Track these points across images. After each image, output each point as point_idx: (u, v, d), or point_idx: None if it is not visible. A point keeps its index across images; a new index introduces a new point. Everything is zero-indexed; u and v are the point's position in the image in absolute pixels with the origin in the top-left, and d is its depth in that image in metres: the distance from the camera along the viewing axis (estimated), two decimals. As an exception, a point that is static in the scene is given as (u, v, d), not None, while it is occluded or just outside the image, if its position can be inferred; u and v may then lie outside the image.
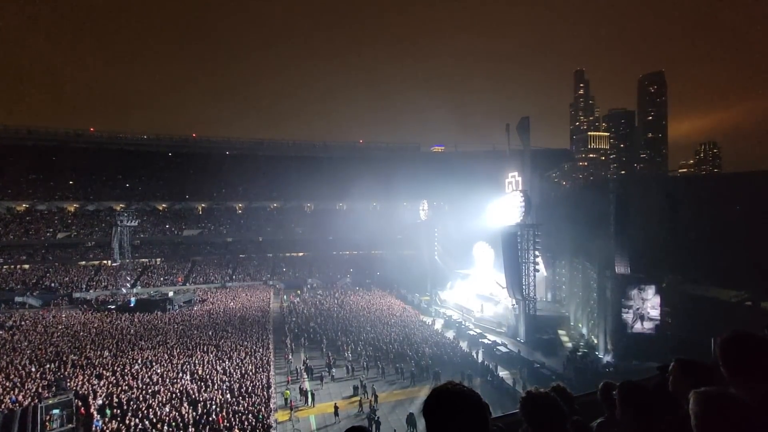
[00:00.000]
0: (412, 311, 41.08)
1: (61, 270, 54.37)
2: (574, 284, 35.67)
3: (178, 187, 70.17)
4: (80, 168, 66.34)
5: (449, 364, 26.07)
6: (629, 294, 27.04)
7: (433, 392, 1.49)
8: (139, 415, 18.43)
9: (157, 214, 65.75)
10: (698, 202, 38.33)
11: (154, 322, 36.75)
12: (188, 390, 21.11)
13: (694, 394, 1.43)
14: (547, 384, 2.47)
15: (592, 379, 22.54)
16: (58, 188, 63.39)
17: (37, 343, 30.12)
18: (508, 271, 32.71)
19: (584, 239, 33.11)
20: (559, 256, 38.47)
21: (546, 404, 1.96)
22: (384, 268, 62.15)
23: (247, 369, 23.99)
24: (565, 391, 2.67)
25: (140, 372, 23.85)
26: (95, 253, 57.09)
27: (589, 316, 31.70)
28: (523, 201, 32.67)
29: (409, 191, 70.69)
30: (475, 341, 30.96)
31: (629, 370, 23.84)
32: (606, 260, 28.60)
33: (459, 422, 1.39)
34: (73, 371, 24.34)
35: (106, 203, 63.25)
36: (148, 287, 52.00)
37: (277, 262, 63.14)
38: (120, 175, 68.86)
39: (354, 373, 25.03)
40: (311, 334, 32.75)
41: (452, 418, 1.40)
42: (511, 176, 39.69)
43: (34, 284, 50.67)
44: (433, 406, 1.44)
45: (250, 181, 76.17)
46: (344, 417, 19.72)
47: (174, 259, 60.36)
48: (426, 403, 1.46)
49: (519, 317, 32.75)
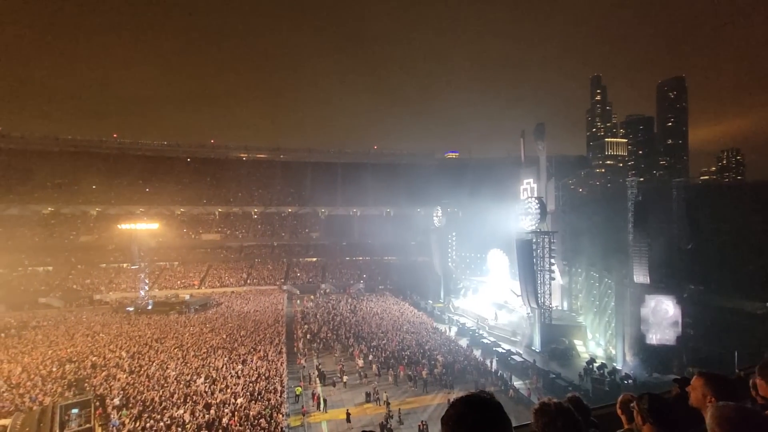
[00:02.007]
0: (425, 318, 40.80)
1: (83, 272, 55.96)
2: (591, 293, 34.91)
3: (195, 192, 71.71)
4: (103, 173, 68.54)
5: (462, 372, 25.76)
6: (648, 304, 26.32)
7: (459, 400, 1.42)
8: (154, 416, 18.76)
9: (176, 218, 67.14)
10: (720, 210, 37.23)
11: (170, 324, 37.40)
12: (202, 392, 21.39)
13: (711, 407, 1.42)
14: (563, 395, 2.42)
15: (610, 391, 21.97)
16: (81, 193, 65.46)
17: (59, 343, 30.99)
18: (523, 279, 32.21)
19: (601, 247, 32.46)
20: (575, 265, 37.75)
21: (561, 415, 1.89)
22: (397, 275, 62.04)
23: (261, 373, 24.17)
24: (581, 402, 2.60)
25: (156, 373, 24.28)
26: (115, 256, 58.57)
27: (607, 326, 30.94)
28: (538, 208, 32.24)
29: (422, 197, 70.66)
30: (489, 350, 30.55)
31: (649, 382, 23.17)
32: (624, 269, 27.95)
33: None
34: (92, 371, 24.94)
35: (127, 207, 64.96)
36: (165, 290, 53.05)
37: (291, 267, 63.64)
38: (141, 180, 70.80)
39: (366, 379, 24.94)
40: (324, 340, 32.83)
41: (475, 427, 1.35)
42: (526, 183, 39.28)
43: (57, 285, 52.26)
44: (462, 416, 1.37)
45: (265, 186, 77.42)
46: (356, 423, 19.64)
47: (191, 263, 61.46)
48: (455, 414, 1.38)
49: (534, 326, 32.19)
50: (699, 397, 2.28)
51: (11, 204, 60.34)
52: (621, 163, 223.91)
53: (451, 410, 1.40)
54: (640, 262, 26.51)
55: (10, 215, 59.74)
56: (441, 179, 73.84)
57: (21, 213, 60.57)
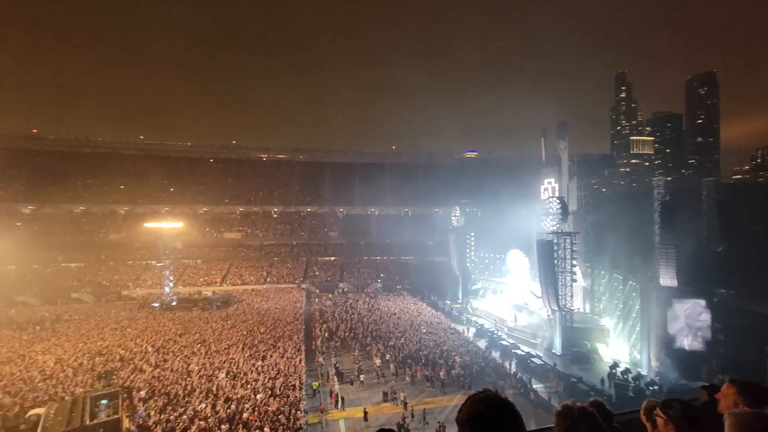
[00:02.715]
0: (443, 318, 40.57)
1: (112, 268, 58.14)
2: (615, 296, 33.97)
3: (218, 192, 73.44)
4: (131, 174, 71.04)
5: (481, 374, 25.51)
6: (676, 308, 25.43)
7: (473, 399, 1.43)
8: (178, 409, 19.34)
9: (198, 217, 68.90)
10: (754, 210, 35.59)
11: (193, 320, 38.44)
12: (223, 387, 21.91)
13: (729, 415, 1.38)
14: (585, 399, 2.36)
15: (635, 396, 21.37)
16: (110, 192, 68.03)
17: (89, 337, 32.32)
18: (544, 281, 31.63)
19: (626, 249, 31.53)
20: (598, 266, 36.81)
21: (584, 420, 1.84)
22: (415, 275, 61.92)
23: (280, 370, 24.56)
24: (604, 406, 2.52)
25: (179, 367, 25.01)
26: (142, 253, 60.58)
27: (631, 330, 30.04)
28: (559, 208, 31.60)
29: (441, 197, 70.25)
30: (508, 352, 30.15)
31: (676, 389, 22.37)
32: (650, 271, 27.08)
33: None
34: (120, 364, 25.90)
35: (153, 206, 67.09)
36: (188, 287, 54.55)
37: (310, 266, 64.37)
38: (166, 180, 72.96)
39: (383, 379, 25.02)
40: (342, 339, 33.08)
41: (494, 426, 1.36)
42: (547, 183, 38.55)
43: (87, 281, 54.47)
44: (474, 413, 1.38)
45: (285, 186, 78.54)
46: (374, 422, 19.73)
47: (213, 261, 62.97)
48: (469, 412, 1.39)
49: (555, 328, 31.58)
50: (730, 405, 2.21)
51: (46, 203, 63.24)
52: (647, 162, 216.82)
53: (470, 409, 1.40)
54: (667, 264, 25.63)
55: (45, 214, 62.65)
56: (460, 179, 73.31)
57: (55, 212, 63.43)
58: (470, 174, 77.05)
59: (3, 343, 30.73)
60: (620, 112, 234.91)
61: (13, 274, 52.18)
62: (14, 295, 46.98)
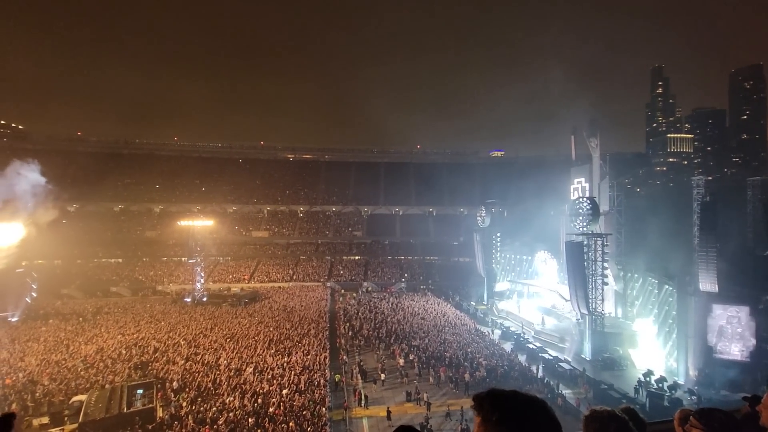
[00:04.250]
0: (468, 320, 40.10)
1: (148, 264, 60.87)
2: (649, 300, 32.55)
3: (246, 192, 75.50)
4: (165, 174, 74.15)
5: (506, 377, 25.06)
6: (717, 314, 24.09)
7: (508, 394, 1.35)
8: (208, 401, 20.05)
9: (228, 216, 71.05)
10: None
11: (222, 315, 39.69)
12: (251, 381, 22.52)
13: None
14: (615, 407, 2.26)
15: (670, 406, 20.39)
16: (146, 192, 71.24)
17: (127, 329, 33.98)
18: (573, 283, 30.69)
19: (662, 251, 30.14)
20: (631, 269, 35.36)
21: (612, 419, 1.74)
22: (439, 275, 61.49)
23: (305, 366, 24.99)
24: (636, 414, 2.42)
25: (209, 361, 25.90)
26: (175, 250, 63.08)
27: (667, 337, 28.70)
28: (590, 208, 30.60)
29: (466, 197, 69.52)
30: (534, 355, 29.44)
31: (716, 400, 21.20)
32: (688, 275, 25.73)
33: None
34: (154, 356, 27.10)
35: (185, 205, 69.75)
36: (218, 283, 56.37)
37: (335, 265, 65.11)
38: (198, 180, 75.70)
39: (407, 378, 25.01)
40: (366, 337, 33.29)
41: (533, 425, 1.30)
42: (577, 182, 37.44)
43: (125, 276, 57.26)
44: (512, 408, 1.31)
45: (311, 185, 79.80)
46: (396, 422, 19.75)
47: (241, 258, 64.78)
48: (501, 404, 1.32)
49: (584, 333, 30.58)
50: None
51: (89, 202, 66.95)
52: (686, 160, 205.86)
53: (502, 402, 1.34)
54: (707, 268, 24.28)
55: (88, 211, 66.34)
56: (485, 178, 72.24)
57: (96, 210, 67.09)
58: (496, 173, 75.74)
59: (50, 333, 32.82)
60: (656, 109, 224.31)
61: (59, 269, 55.51)
62: (60, 288, 49.99)
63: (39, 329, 33.97)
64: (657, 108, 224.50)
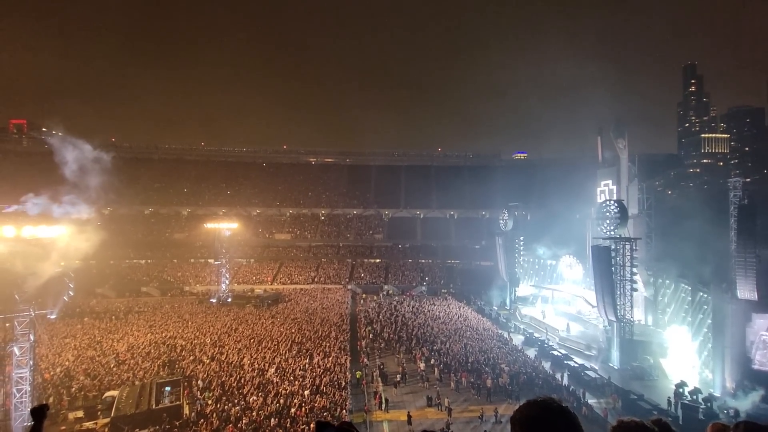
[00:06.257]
0: (490, 325, 39.47)
1: (176, 266, 62.90)
2: (682, 308, 31.16)
3: (270, 195, 77.05)
4: (193, 178, 76.60)
5: (529, 384, 24.50)
6: (756, 324, 22.83)
7: (531, 401, 1.40)
8: (232, 399, 20.50)
9: (252, 219, 72.63)
10: None
11: (246, 316, 40.52)
12: (273, 382, 22.88)
13: None
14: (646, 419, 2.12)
15: (705, 420, 19.41)
16: (175, 195, 73.74)
17: (156, 328, 35.18)
18: (600, 289, 29.75)
19: (696, 257, 28.83)
20: (662, 275, 33.98)
21: (640, 430, 1.65)
22: (461, 279, 60.84)
23: (327, 368, 25.19)
24: (668, 427, 2.30)
25: (234, 361, 26.48)
26: (202, 252, 64.93)
27: (702, 347, 27.39)
28: (617, 212, 29.63)
29: (488, 200, 68.60)
30: (559, 363, 28.67)
31: (756, 414, 20.07)
32: (725, 282, 24.49)
33: None
34: (181, 355, 27.94)
35: (212, 208, 71.79)
36: (242, 284, 57.62)
37: (356, 267, 65.43)
38: (223, 184, 77.77)
39: (428, 383, 24.83)
40: (386, 340, 33.27)
41: (549, 429, 1.33)
42: (604, 185, 36.42)
43: (155, 277, 59.34)
44: (530, 414, 1.35)
45: (332, 189, 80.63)
46: (417, 427, 19.63)
47: (264, 260, 66.02)
48: (526, 413, 1.36)
49: (612, 340, 29.59)
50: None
51: (122, 205, 69.80)
52: (721, 161, 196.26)
53: (526, 411, 1.38)
54: (745, 275, 23.06)
55: (121, 214, 69.17)
56: (508, 181, 71.02)
57: (128, 212, 69.91)
58: (519, 176, 74.50)
59: (86, 330, 34.37)
60: (689, 108, 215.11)
61: (94, 269, 57.99)
62: (95, 287, 52.29)
63: (75, 327, 35.62)
64: (690, 107, 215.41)
